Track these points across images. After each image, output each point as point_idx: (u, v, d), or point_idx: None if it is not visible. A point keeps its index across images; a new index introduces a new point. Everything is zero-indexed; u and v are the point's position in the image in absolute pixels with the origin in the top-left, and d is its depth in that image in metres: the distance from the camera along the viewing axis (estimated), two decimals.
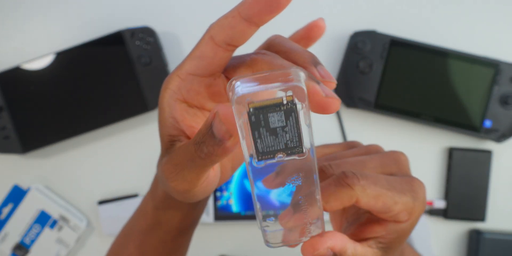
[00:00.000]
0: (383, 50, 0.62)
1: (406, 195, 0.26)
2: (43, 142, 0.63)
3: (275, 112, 0.19)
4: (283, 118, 0.19)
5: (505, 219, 0.65)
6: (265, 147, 0.20)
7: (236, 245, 0.66)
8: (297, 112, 0.19)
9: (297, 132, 0.20)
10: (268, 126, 0.19)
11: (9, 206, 0.65)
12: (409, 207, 0.26)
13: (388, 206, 0.25)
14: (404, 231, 0.27)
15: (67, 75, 0.63)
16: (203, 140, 0.23)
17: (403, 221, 0.26)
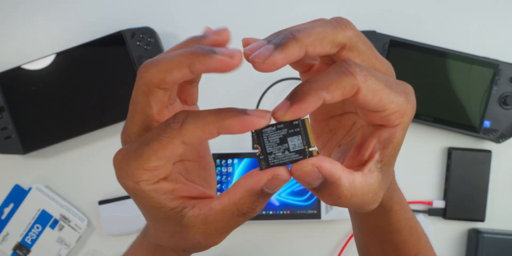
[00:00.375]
0: (382, 51, 0.62)
1: (401, 95, 0.25)
2: (44, 143, 0.63)
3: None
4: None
5: (504, 219, 0.65)
6: None
7: (236, 245, 0.66)
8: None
9: None
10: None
11: (10, 206, 0.65)
12: (402, 108, 0.25)
13: (383, 104, 0.24)
14: (397, 139, 0.26)
15: (67, 76, 0.63)
16: (252, 209, 0.25)
17: (395, 124, 0.25)
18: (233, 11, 0.66)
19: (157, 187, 0.26)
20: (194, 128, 0.24)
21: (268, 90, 0.65)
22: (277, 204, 0.63)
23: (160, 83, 0.25)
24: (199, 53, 0.23)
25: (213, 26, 0.70)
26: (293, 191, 0.63)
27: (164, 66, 0.24)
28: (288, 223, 0.66)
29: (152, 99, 0.25)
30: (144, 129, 0.26)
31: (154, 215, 0.27)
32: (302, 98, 0.24)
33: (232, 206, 0.25)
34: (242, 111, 0.23)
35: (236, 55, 0.23)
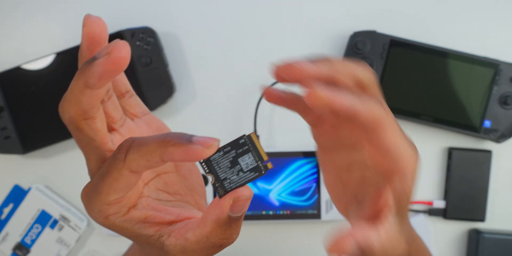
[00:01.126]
0: (383, 50, 0.62)
1: (410, 146, 0.26)
2: (43, 142, 0.63)
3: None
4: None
5: (504, 219, 0.65)
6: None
7: (236, 245, 0.66)
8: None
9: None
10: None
11: (10, 206, 0.65)
12: (413, 157, 0.26)
13: (398, 147, 0.25)
14: (409, 185, 0.26)
15: (67, 76, 0.63)
16: (226, 239, 0.25)
17: (405, 171, 0.26)
18: (233, 11, 0.66)
19: (127, 218, 0.26)
20: (137, 157, 0.23)
21: None
22: (277, 204, 0.63)
23: (81, 115, 0.24)
24: (84, 68, 0.23)
25: (213, 26, 0.71)
26: (293, 191, 0.63)
27: (70, 98, 0.24)
28: (288, 223, 0.66)
29: (87, 132, 0.25)
30: (101, 161, 0.26)
31: (137, 241, 0.27)
32: (341, 95, 0.23)
33: (205, 239, 0.25)
34: (187, 138, 0.22)
35: (112, 48, 0.22)
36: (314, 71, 0.25)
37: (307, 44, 0.66)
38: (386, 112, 0.25)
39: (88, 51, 0.25)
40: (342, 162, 0.31)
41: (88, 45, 0.24)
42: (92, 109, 0.24)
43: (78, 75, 0.23)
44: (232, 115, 0.66)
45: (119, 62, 0.21)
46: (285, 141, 0.66)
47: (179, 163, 0.31)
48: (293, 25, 0.66)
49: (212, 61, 0.66)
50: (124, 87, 0.30)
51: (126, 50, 0.21)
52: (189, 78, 0.66)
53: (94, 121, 0.25)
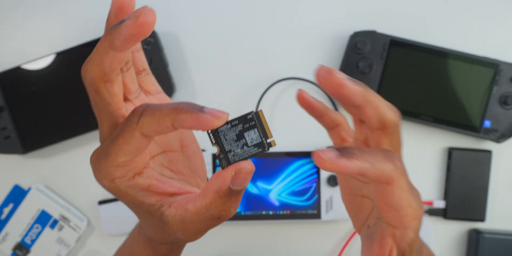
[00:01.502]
0: (383, 50, 0.62)
1: (416, 200, 0.27)
2: (43, 142, 0.63)
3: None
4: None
5: (504, 219, 0.65)
6: None
7: (236, 245, 0.66)
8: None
9: None
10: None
11: (10, 206, 0.65)
12: (416, 213, 0.27)
13: (402, 204, 0.26)
14: (410, 239, 0.27)
15: (67, 76, 0.63)
16: (225, 211, 0.26)
17: (407, 227, 0.27)
18: (233, 11, 0.66)
19: (132, 184, 0.26)
20: (151, 120, 0.24)
21: (268, 89, 0.65)
22: (277, 204, 0.63)
23: (101, 76, 0.25)
24: (111, 30, 0.23)
25: (213, 27, 0.71)
26: (293, 191, 0.63)
27: (94, 59, 0.24)
28: (288, 223, 0.66)
29: (105, 95, 0.25)
30: (113, 127, 0.27)
31: (138, 210, 0.28)
32: (349, 157, 0.24)
33: (204, 210, 0.26)
34: (199, 108, 0.23)
35: (140, 12, 0.23)
36: (349, 88, 0.26)
37: (307, 44, 0.66)
38: (396, 169, 0.25)
39: (115, 18, 0.26)
40: (357, 188, 0.32)
41: (116, 13, 0.25)
42: (113, 72, 0.25)
43: (104, 36, 0.24)
44: (232, 115, 0.66)
45: (145, 26, 0.22)
46: (285, 141, 0.66)
47: (185, 143, 0.32)
48: (293, 25, 0.66)
49: (212, 61, 0.66)
50: (142, 65, 0.31)
51: (152, 15, 0.22)
52: (189, 78, 0.66)
53: (113, 85, 0.25)
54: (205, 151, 0.64)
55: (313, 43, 0.66)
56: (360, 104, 0.27)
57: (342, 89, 0.26)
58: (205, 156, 0.63)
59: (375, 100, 0.27)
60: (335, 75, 0.25)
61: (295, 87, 0.66)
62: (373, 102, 0.27)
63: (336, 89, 0.26)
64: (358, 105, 0.27)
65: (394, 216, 0.27)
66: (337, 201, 0.63)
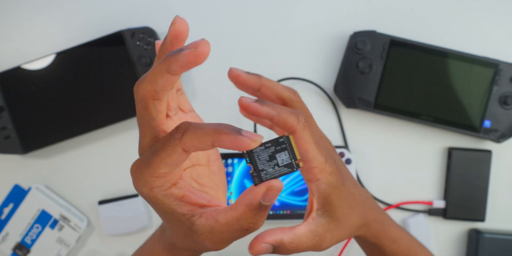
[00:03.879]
0: (383, 50, 0.62)
1: (323, 155, 0.32)
2: (43, 142, 0.63)
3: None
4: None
5: (504, 219, 0.65)
6: None
7: (236, 245, 0.66)
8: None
9: None
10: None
11: (10, 206, 0.65)
12: (321, 165, 0.32)
13: (308, 155, 0.32)
14: (323, 190, 0.32)
15: (67, 76, 0.63)
16: (253, 224, 0.29)
17: (317, 178, 0.32)
18: (233, 11, 0.66)
19: (168, 193, 0.29)
20: (193, 138, 0.26)
21: None
22: (277, 204, 0.63)
23: (152, 94, 0.28)
24: (170, 56, 0.26)
25: (213, 27, 0.71)
26: (293, 191, 0.63)
27: (149, 78, 0.27)
28: (288, 223, 0.66)
29: (152, 111, 0.28)
30: (154, 140, 0.29)
31: (169, 218, 0.30)
32: (262, 104, 0.30)
33: (235, 221, 0.28)
34: (237, 130, 0.26)
35: (199, 44, 0.26)
36: (244, 77, 0.35)
37: (307, 44, 0.66)
38: (298, 121, 0.31)
39: (170, 45, 0.28)
40: None
41: (172, 40, 0.28)
42: (163, 92, 0.28)
43: (163, 60, 0.27)
44: (232, 115, 0.66)
45: (202, 56, 0.26)
46: None
47: (211, 158, 0.36)
48: (293, 25, 0.66)
49: (212, 61, 0.66)
50: (179, 85, 0.35)
51: (208, 47, 0.26)
52: (189, 78, 0.66)
53: (160, 103, 0.28)
54: None
55: (313, 43, 0.66)
56: (257, 88, 0.35)
57: (239, 78, 0.34)
58: None
59: (268, 83, 0.35)
60: (233, 70, 0.34)
61: (295, 87, 0.66)
62: (267, 85, 0.35)
63: (236, 80, 0.34)
64: (256, 89, 0.35)
65: (306, 169, 0.32)
66: None
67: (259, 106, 0.30)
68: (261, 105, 0.30)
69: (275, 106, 0.31)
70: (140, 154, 0.30)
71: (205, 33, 0.66)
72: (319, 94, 0.66)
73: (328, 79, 0.66)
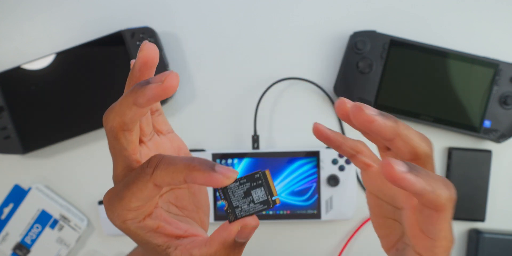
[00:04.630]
0: (383, 50, 0.62)
1: (451, 233, 0.27)
2: (43, 142, 0.63)
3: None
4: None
5: (504, 219, 0.65)
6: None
7: None
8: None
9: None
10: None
11: (10, 206, 0.65)
12: (450, 246, 0.28)
13: (439, 234, 0.27)
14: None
15: (67, 76, 0.63)
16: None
17: (438, 254, 0.28)
18: (233, 11, 0.66)
19: (142, 225, 0.28)
20: (164, 174, 0.25)
21: (268, 89, 0.65)
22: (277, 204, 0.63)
23: (121, 126, 0.26)
24: (137, 89, 0.25)
25: (213, 27, 0.70)
26: (293, 191, 0.63)
27: (117, 110, 0.26)
28: (288, 223, 0.66)
29: (122, 142, 0.27)
30: (127, 170, 0.28)
31: (145, 248, 0.29)
32: (417, 175, 0.25)
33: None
34: (211, 166, 0.25)
35: (166, 76, 0.24)
36: (380, 124, 0.27)
37: (307, 44, 0.66)
38: (451, 199, 0.26)
39: (139, 71, 0.27)
40: (388, 211, 0.33)
41: (141, 67, 0.27)
42: (133, 123, 0.27)
43: (130, 93, 0.26)
44: (232, 115, 0.66)
45: (170, 89, 0.24)
46: (285, 141, 0.66)
47: None
48: (293, 25, 0.66)
49: (212, 61, 0.66)
50: (155, 106, 0.33)
51: (176, 80, 0.25)
52: (189, 78, 0.66)
53: (131, 134, 0.27)
54: (205, 151, 0.64)
55: (313, 43, 0.66)
56: (390, 138, 0.28)
57: (372, 124, 0.27)
58: (206, 156, 0.63)
59: (406, 133, 0.28)
60: (365, 111, 0.26)
61: (295, 87, 0.66)
62: (404, 135, 0.28)
63: (366, 125, 0.27)
64: (389, 139, 0.28)
65: (427, 245, 0.27)
66: (337, 201, 0.63)
67: (414, 178, 0.24)
68: (416, 176, 0.24)
69: (429, 175, 0.25)
70: (114, 182, 0.29)
71: (205, 33, 0.66)
72: (319, 94, 0.66)
73: (328, 79, 0.66)
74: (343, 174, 0.63)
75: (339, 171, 0.63)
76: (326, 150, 0.63)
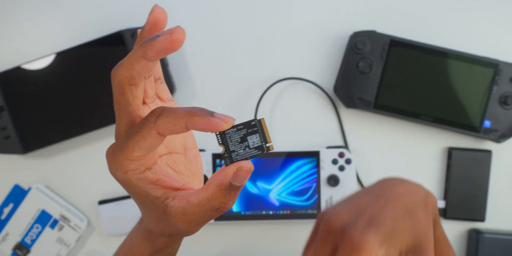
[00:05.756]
0: (382, 50, 0.62)
1: None
2: (43, 142, 0.63)
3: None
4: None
5: (504, 219, 0.65)
6: None
7: (236, 245, 0.66)
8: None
9: None
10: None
11: (10, 206, 0.65)
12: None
13: None
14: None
15: (67, 75, 0.63)
16: (224, 203, 0.29)
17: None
18: (233, 11, 0.66)
19: (142, 177, 0.29)
20: (167, 121, 0.27)
21: (268, 89, 0.65)
22: (277, 204, 0.63)
23: (129, 80, 0.28)
24: (146, 43, 0.27)
25: (213, 26, 0.71)
26: (293, 191, 0.63)
27: (126, 64, 0.28)
28: (288, 223, 0.66)
29: (128, 96, 0.29)
30: (130, 125, 0.30)
31: (143, 202, 0.30)
32: None
33: (206, 201, 0.29)
34: (210, 112, 0.27)
35: (174, 30, 0.26)
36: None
37: (307, 44, 0.66)
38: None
39: (149, 32, 0.29)
40: None
41: (150, 28, 0.29)
42: (139, 77, 0.28)
43: (139, 47, 0.27)
44: (232, 115, 0.66)
45: (177, 42, 0.26)
46: (285, 141, 0.66)
47: (188, 147, 0.36)
48: (293, 25, 0.66)
49: (212, 61, 0.66)
50: (158, 74, 0.35)
51: (183, 34, 0.26)
52: (189, 78, 0.66)
53: (137, 89, 0.29)
54: (205, 151, 0.64)
55: (313, 43, 0.66)
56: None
57: None
58: (206, 156, 0.63)
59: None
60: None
61: (295, 87, 0.66)
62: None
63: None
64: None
65: None
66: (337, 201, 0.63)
67: None
68: None
69: None
70: (116, 138, 0.30)
71: (205, 33, 0.66)
72: (319, 94, 0.66)
73: (328, 79, 0.66)
74: (343, 174, 0.63)
75: (339, 171, 0.63)
76: (326, 150, 0.63)
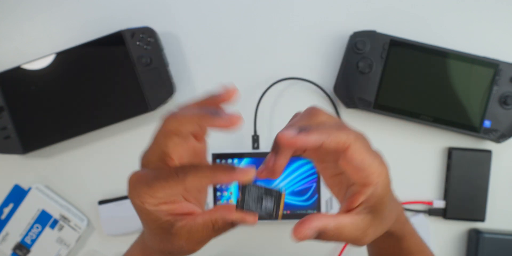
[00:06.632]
0: (382, 50, 0.62)
1: (377, 159, 0.32)
2: (43, 142, 0.63)
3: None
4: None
5: (504, 219, 0.65)
6: None
7: (236, 245, 0.66)
8: None
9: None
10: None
11: (10, 206, 0.65)
12: (379, 170, 0.31)
13: (364, 164, 0.31)
14: (378, 193, 0.32)
15: (67, 75, 0.63)
16: (224, 228, 0.33)
17: (375, 183, 0.31)
18: (233, 11, 0.66)
19: (157, 209, 0.32)
20: (193, 179, 0.30)
21: (268, 89, 0.65)
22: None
23: (176, 132, 0.32)
24: (207, 115, 0.30)
25: (213, 27, 0.71)
26: (293, 191, 0.63)
27: (181, 121, 0.31)
28: (288, 223, 0.66)
29: (169, 142, 0.32)
30: (160, 160, 0.33)
31: (151, 225, 0.33)
32: (307, 132, 0.30)
33: (209, 223, 0.32)
34: (232, 168, 0.30)
35: (234, 121, 0.29)
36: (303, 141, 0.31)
37: (307, 44, 0.66)
38: (348, 135, 0.30)
39: (214, 101, 0.32)
40: (332, 171, 0.38)
41: (221, 100, 0.32)
42: (187, 135, 0.33)
43: (200, 115, 0.30)
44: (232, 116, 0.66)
45: (229, 128, 0.29)
46: None
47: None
48: (293, 25, 0.66)
49: (212, 61, 0.66)
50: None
51: (236, 124, 0.29)
52: (189, 78, 0.66)
53: (179, 138, 0.32)
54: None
55: (313, 43, 0.66)
56: (317, 146, 0.31)
57: (297, 144, 0.30)
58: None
59: (321, 138, 0.31)
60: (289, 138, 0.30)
61: (295, 87, 0.66)
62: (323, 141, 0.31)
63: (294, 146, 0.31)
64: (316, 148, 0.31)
65: (362, 176, 0.32)
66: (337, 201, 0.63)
67: (307, 136, 0.30)
68: (307, 133, 0.30)
69: (320, 128, 0.30)
70: (142, 164, 0.33)
71: (205, 33, 0.66)
72: (319, 94, 0.66)
73: (328, 79, 0.66)
74: None
75: None
76: None
